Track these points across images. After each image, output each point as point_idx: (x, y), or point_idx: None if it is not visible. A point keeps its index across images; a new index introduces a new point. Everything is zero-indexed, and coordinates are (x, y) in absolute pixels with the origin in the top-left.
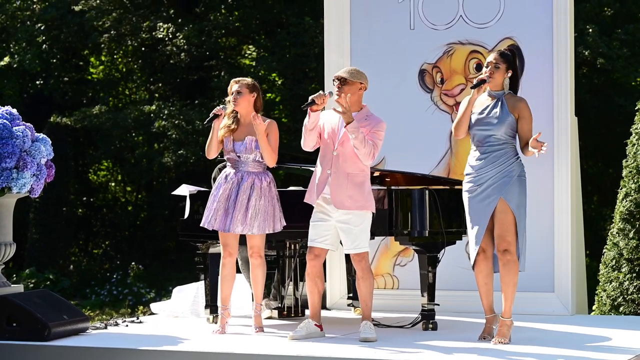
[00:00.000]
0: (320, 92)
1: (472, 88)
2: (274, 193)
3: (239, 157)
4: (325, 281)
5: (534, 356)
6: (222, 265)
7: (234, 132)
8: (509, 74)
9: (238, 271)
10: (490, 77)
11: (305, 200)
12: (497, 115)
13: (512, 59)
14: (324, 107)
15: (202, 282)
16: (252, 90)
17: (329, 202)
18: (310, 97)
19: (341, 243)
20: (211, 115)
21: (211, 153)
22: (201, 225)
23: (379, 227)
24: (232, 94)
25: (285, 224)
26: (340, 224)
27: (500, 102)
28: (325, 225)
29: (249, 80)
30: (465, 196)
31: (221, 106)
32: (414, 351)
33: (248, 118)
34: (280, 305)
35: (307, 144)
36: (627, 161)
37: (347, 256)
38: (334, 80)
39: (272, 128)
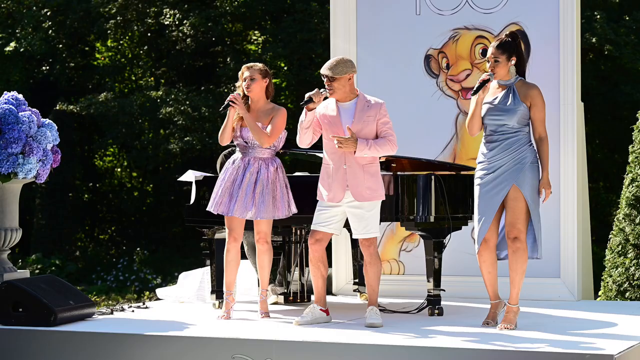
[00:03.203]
0: (316, 90)
1: (472, 95)
2: (282, 178)
3: (246, 142)
4: (331, 267)
5: (540, 341)
6: (226, 251)
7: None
8: (513, 62)
9: (244, 257)
10: (493, 73)
11: (323, 199)
12: (509, 105)
13: (512, 44)
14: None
15: (208, 267)
16: (264, 76)
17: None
18: (307, 95)
19: (349, 230)
20: (226, 102)
21: (224, 140)
22: (207, 209)
23: (385, 213)
24: (245, 80)
25: (295, 211)
26: (353, 209)
27: (511, 91)
28: (333, 211)
29: (260, 65)
30: (476, 183)
31: (236, 92)
32: (419, 336)
33: (259, 104)
34: (286, 290)
35: (304, 141)
36: (633, 147)
37: (353, 242)
38: (322, 76)
39: (278, 112)
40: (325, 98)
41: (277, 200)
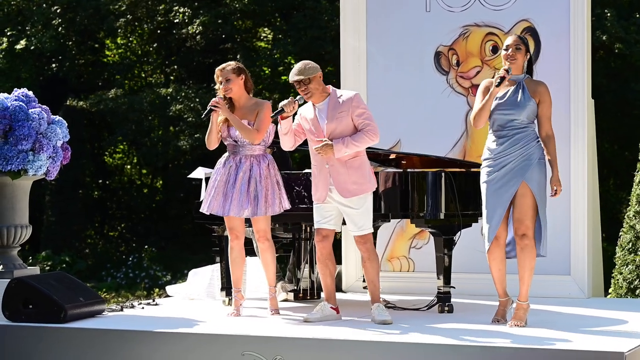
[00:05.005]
0: (290, 98)
1: (496, 86)
2: (274, 174)
3: (235, 142)
4: (340, 263)
5: (550, 339)
6: (230, 249)
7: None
8: (527, 56)
9: (253, 254)
10: (512, 60)
11: (314, 199)
12: (519, 100)
13: (527, 43)
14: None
15: (218, 264)
16: (239, 73)
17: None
18: (279, 105)
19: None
20: (208, 108)
21: (212, 144)
22: (200, 210)
23: (394, 210)
24: (221, 83)
25: (288, 207)
26: (343, 207)
27: (521, 87)
28: (328, 206)
29: (233, 64)
30: (482, 180)
31: (218, 97)
32: (429, 334)
33: (242, 102)
34: (296, 287)
35: (286, 145)
36: None
37: None
38: (295, 84)
39: (263, 107)
40: (302, 104)
41: (271, 196)
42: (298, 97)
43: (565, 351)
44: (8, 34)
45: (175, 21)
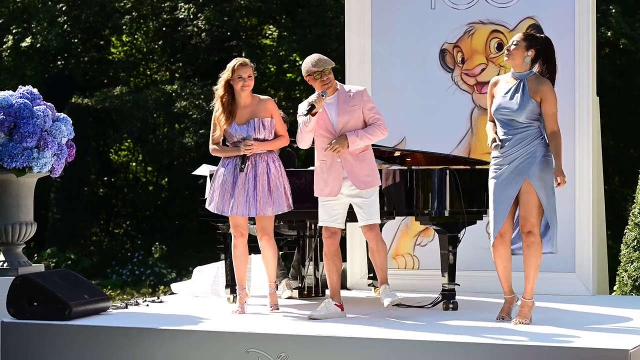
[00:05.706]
0: (316, 94)
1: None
2: (284, 171)
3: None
4: (345, 261)
5: (554, 336)
6: (234, 246)
7: (235, 117)
8: (530, 54)
9: (258, 251)
10: (508, 54)
11: (322, 195)
12: (518, 101)
13: (539, 42)
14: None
15: (223, 262)
16: (254, 69)
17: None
18: (308, 103)
19: (350, 220)
20: (242, 158)
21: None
22: (221, 213)
23: (399, 207)
24: (243, 78)
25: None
26: (354, 199)
27: (522, 86)
28: (335, 204)
29: (248, 60)
30: (491, 176)
31: (246, 142)
32: (434, 331)
33: (248, 99)
34: (300, 285)
35: (306, 143)
36: None
37: None
38: (313, 75)
39: (273, 108)
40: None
41: (288, 192)
42: (321, 93)
43: (569, 349)
44: (13, 31)
45: (180, 17)
